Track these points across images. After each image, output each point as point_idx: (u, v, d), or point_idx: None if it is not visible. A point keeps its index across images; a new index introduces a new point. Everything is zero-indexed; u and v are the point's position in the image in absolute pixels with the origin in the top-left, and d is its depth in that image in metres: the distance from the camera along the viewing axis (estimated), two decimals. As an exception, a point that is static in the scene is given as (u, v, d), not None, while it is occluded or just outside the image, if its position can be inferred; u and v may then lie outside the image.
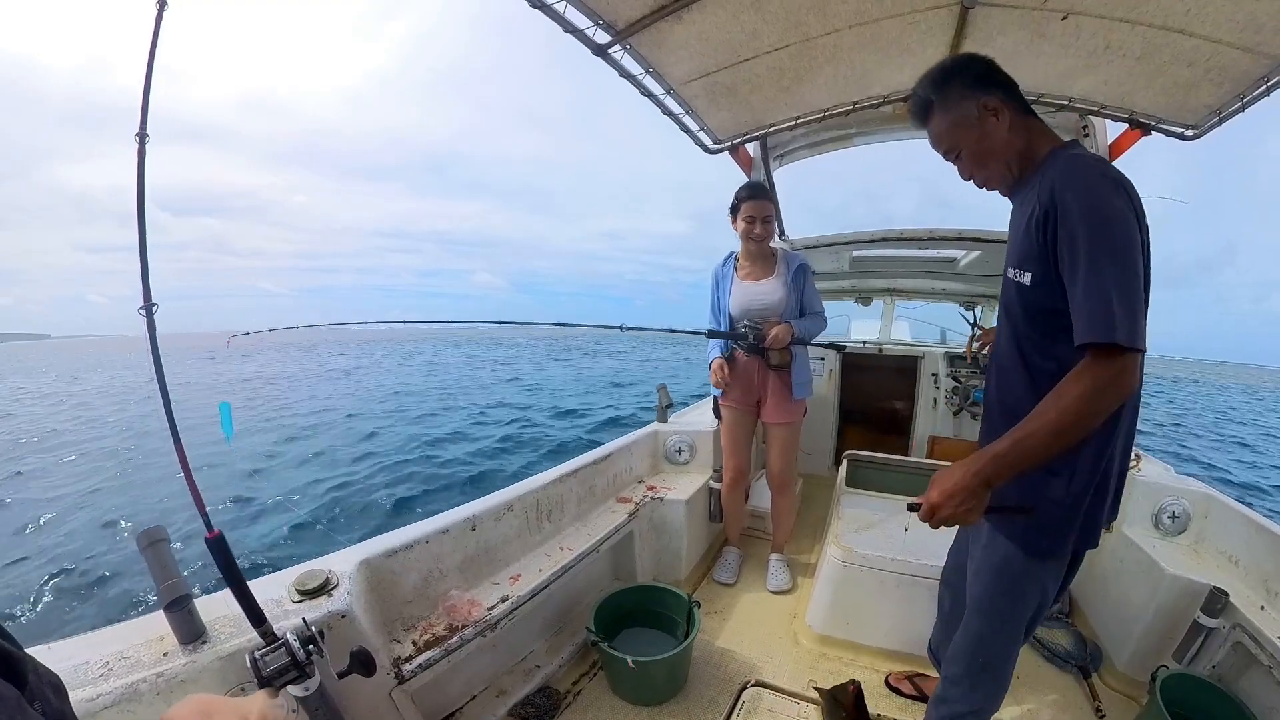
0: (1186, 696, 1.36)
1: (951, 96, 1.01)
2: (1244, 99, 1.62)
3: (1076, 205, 0.82)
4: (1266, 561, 1.48)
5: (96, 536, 5.31)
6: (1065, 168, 0.87)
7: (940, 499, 0.87)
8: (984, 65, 1.02)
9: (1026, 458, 0.82)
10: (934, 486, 0.89)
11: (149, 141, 0.86)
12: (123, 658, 0.89)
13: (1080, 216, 0.81)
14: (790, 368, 1.98)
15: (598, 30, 1.56)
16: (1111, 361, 0.77)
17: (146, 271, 0.89)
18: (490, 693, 1.54)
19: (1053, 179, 0.86)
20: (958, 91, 1.01)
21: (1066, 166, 0.88)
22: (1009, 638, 1.09)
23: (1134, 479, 1.81)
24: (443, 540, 1.40)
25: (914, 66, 1.87)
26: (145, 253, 0.88)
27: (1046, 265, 0.87)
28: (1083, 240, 0.81)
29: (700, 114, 2.03)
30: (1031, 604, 1.05)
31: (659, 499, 2.05)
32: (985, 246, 2.09)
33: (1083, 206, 0.81)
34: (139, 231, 0.89)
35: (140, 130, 0.86)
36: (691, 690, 1.61)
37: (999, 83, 1.01)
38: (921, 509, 0.90)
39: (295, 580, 1.11)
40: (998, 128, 0.99)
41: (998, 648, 1.10)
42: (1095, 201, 0.81)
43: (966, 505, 0.85)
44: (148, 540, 0.95)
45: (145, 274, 0.89)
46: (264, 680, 0.90)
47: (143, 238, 0.89)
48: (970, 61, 1.03)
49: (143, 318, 0.90)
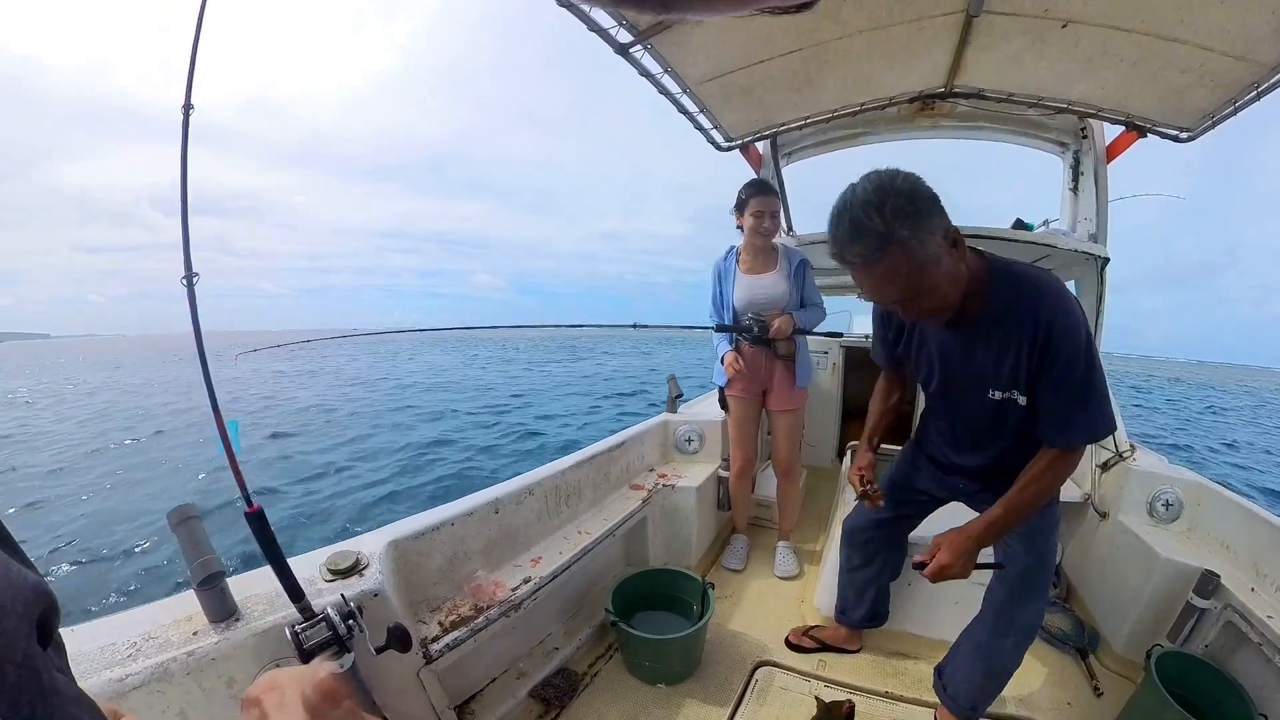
0: (1181, 673, 1.41)
1: (922, 229, 0.87)
2: (1235, 103, 1.70)
3: (1068, 342, 0.97)
4: (1257, 546, 1.54)
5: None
6: (1052, 309, 0.98)
7: (952, 559, 1.09)
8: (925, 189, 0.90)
9: (1012, 524, 1.12)
10: (945, 550, 1.11)
11: (193, 113, 0.89)
12: (150, 638, 0.89)
13: (1073, 350, 0.98)
14: (795, 357, 2.04)
15: (620, 30, 1.62)
16: (1077, 454, 1.05)
17: (188, 243, 0.91)
18: (511, 674, 1.58)
19: (1041, 319, 0.98)
20: (927, 223, 0.88)
21: (1053, 307, 0.98)
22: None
23: (1129, 468, 1.88)
24: (467, 523, 1.44)
25: (920, 71, 1.94)
26: (187, 225, 0.90)
27: (1033, 387, 1.04)
28: (1080, 368, 0.98)
29: (714, 112, 2.09)
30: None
31: (670, 486, 2.10)
32: (987, 243, 2.15)
33: (1072, 343, 0.98)
34: (181, 203, 0.89)
35: (185, 102, 0.88)
36: (705, 670, 1.66)
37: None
38: (930, 567, 1.12)
39: (326, 560, 1.13)
40: (956, 258, 0.95)
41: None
42: (1084, 340, 0.98)
43: (970, 563, 1.11)
44: (179, 518, 0.94)
45: (186, 245, 0.91)
46: (305, 654, 0.91)
47: (185, 210, 0.90)
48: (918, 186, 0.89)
49: (184, 288, 0.91)
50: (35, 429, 11.97)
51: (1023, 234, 2.08)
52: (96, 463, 8.38)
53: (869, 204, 0.87)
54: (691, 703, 1.54)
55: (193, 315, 0.92)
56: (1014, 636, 1.23)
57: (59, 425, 12.52)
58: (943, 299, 0.98)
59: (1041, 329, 0.98)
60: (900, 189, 0.88)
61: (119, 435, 10.66)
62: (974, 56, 1.81)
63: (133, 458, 8.76)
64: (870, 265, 0.91)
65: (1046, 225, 2.31)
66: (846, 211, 0.90)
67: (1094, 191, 2.15)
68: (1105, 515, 1.94)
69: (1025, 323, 0.99)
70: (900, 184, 0.88)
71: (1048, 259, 2.33)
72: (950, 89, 2.01)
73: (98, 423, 12.63)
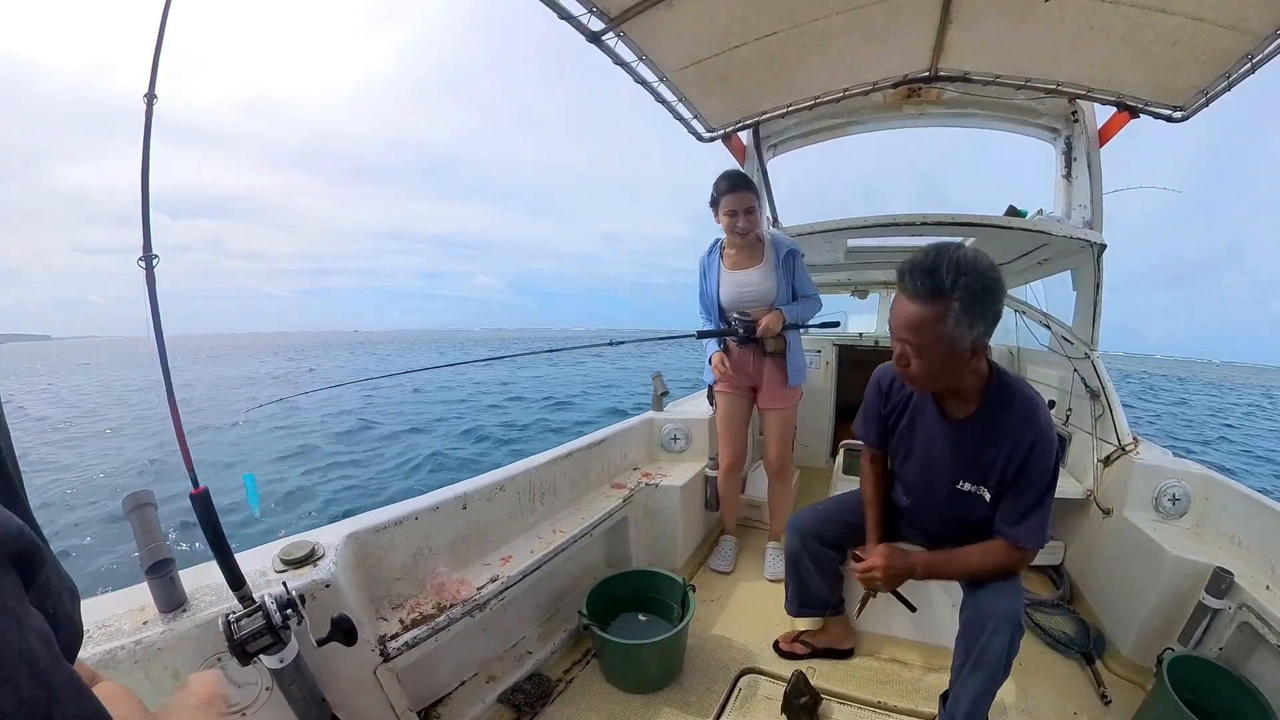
0: (1194, 679, 1.32)
1: (969, 314, 0.98)
2: (1229, 78, 1.64)
3: (1043, 462, 1.13)
4: (1270, 541, 1.46)
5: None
6: (1039, 427, 1.13)
7: (883, 572, 1.27)
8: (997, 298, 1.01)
9: (945, 575, 1.30)
10: (882, 559, 1.28)
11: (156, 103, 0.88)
12: (103, 625, 0.88)
13: (1044, 470, 1.14)
14: (785, 354, 1.97)
15: (592, 17, 1.59)
16: (1020, 553, 1.19)
17: (148, 222, 0.88)
18: (480, 678, 1.52)
19: (1029, 433, 1.12)
20: (974, 313, 0.98)
21: (1041, 425, 1.13)
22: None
23: (1133, 462, 1.79)
24: (433, 518, 1.39)
25: (902, 52, 1.90)
26: (147, 204, 0.88)
27: (1001, 488, 1.19)
28: (1042, 485, 1.14)
29: (693, 101, 2.06)
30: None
31: (654, 485, 2.03)
32: (979, 232, 2.09)
33: (1046, 464, 1.13)
34: (142, 184, 0.88)
35: (149, 92, 0.88)
36: (687, 678, 1.57)
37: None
38: (862, 565, 1.31)
39: (280, 550, 1.10)
40: (969, 365, 1.09)
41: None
42: (1053, 458, 1.14)
43: (894, 582, 1.30)
44: (134, 504, 0.93)
45: (146, 224, 0.88)
46: (235, 645, 0.87)
47: (145, 190, 0.88)
48: (996, 290, 0.99)
49: (141, 269, 0.89)
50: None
51: (1018, 221, 2.02)
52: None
53: (955, 263, 0.97)
54: (670, 711, 1.46)
55: (151, 299, 0.91)
56: (997, 629, 1.16)
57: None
58: (937, 375, 1.10)
59: (1026, 441, 1.12)
60: (985, 277, 0.98)
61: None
62: (957, 36, 1.77)
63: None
64: (914, 298, 1.02)
65: (1041, 214, 2.24)
66: (940, 254, 0.99)
67: (1088, 177, 2.08)
68: (1109, 512, 1.84)
69: (1015, 432, 1.13)
70: (988, 275, 0.98)
71: (1045, 247, 2.26)
72: (935, 72, 1.96)
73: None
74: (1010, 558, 1.19)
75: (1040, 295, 2.55)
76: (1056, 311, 2.30)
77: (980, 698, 1.15)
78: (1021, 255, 2.50)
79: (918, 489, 1.38)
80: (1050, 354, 2.45)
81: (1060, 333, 2.21)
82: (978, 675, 1.15)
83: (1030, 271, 2.62)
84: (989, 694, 1.16)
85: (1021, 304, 2.47)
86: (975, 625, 1.18)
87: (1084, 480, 2.04)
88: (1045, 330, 2.35)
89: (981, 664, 1.15)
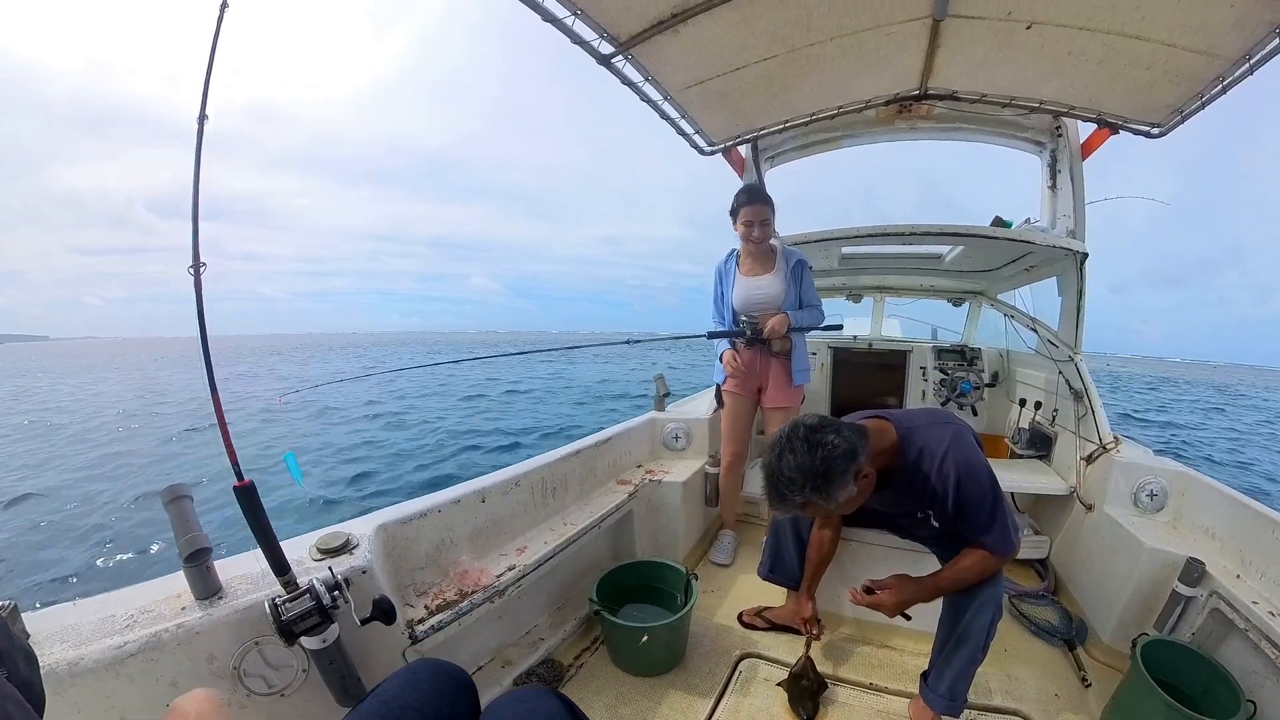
0: (1168, 662, 1.39)
1: (829, 493, 1.06)
2: (1203, 98, 1.74)
3: (975, 489, 1.20)
4: (1242, 533, 1.54)
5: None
6: (952, 464, 1.20)
7: (892, 607, 1.32)
8: (855, 435, 1.11)
9: (948, 591, 1.32)
10: (895, 595, 1.32)
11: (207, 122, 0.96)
12: (145, 611, 0.94)
13: (981, 493, 1.21)
14: (791, 355, 2.08)
15: (602, 42, 1.70)
16: (1010, 553, 1.25)
17: (197, 229, 0.96)
18: (496, 663, 1.60)
19: (946, 478, 1.20)
20: (832, 488, 1.06)
21: (953, 462, 1.20)
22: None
23: (1113, 460, 1.89)
24: (454, 510, 1.48)
25: (893, 73, 2.00)
26: (197, 217, 0.96)
27: (945, 519, 1.28)
28: (989, 501, 1.22)
29: (695, 118, 2.17)
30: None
31: (657, 481, 2.13)
32: (968, 241, 2.19)
33: (979, 488, 1.21)
34: (194, 199, 0.96)
35: (200, 114, 0.96)
36: (689, 662, 1.67)
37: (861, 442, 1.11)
38: (871, 599, 1.34)
39: (316, 541, 1.17)
40: (866, 484, 1.15)
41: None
42: (986, 478, 1.21)
43: (901, 608, 1.33)
44: (171, 496, 0.98)
45: (196, 236, 0.96)
46: (282, 626, 0.93)
47: (195, 204, 0.96)
48: (852, 442, 1.08)
49: (190, 276, 0.96)
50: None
51: (1002, 231, 2.12)
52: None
53: (787, 482, 1.07)
54: (675, 693, 1.55)
55: (198, 304, 0.98)
56: (979, 609, 1.27)
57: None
58: (850, 507, 1.17)
59: (948, 486, 1.20)
60: (818, 469, 1.05)
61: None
62: (945, 59, 1.88)
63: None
64: (796, 506, 1.12)
65: (1029, 222, 2.34)
66: (771, 477, 1.11)
67: (1071, 189, 2.19)
68: (1091, 507, 1.94)
69: (931, 481, 1.22)
70: (819, 461, 1.06)
71: (1029, 256, 2.36)
72: (925, 91, 2.07)
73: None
74: (994, 561, 1.27)
75: (1028, 301, 2.65)
76: (1045, 316, 2.41)
77: (961, 674, 1.25)
78: (1009, 262, 2.61)
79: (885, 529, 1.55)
80: (1038, 356, 2.55)
81: (1046, 336, 2.31)
82: (959, 653, 1.24)
83: (1019, 277, 2.73)
84: (968, 672, 1.25)
85: (1010, 309, 2.57)
86: (959, 605, 1.27)
87: (1068, 477, 2.14)
88: (1033, 334, 2.45)
89: (963, 642, 1.24)
